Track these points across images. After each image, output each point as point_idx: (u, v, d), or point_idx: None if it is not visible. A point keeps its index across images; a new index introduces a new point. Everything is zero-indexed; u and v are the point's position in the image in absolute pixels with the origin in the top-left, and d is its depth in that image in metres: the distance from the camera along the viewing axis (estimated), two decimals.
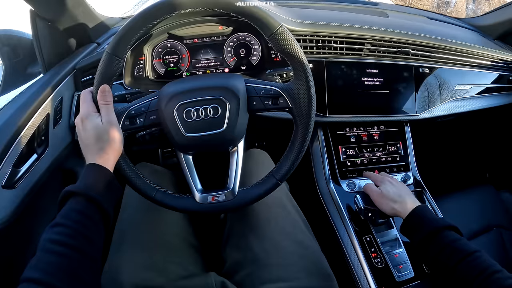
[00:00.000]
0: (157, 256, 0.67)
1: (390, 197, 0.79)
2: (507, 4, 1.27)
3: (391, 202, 0.78)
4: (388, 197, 0.79)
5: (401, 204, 0.76)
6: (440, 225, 0.67)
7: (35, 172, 0.77)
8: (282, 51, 0.63)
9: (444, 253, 0.63)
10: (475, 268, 0.58)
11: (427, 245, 0.67)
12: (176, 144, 0.67)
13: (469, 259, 0.60)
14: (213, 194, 0.69)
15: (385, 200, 0.80)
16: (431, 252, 0.66)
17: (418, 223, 0.71)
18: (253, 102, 0.67)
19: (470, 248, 0.62)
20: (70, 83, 0.89)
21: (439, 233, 0.66)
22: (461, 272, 0.59)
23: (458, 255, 0.61)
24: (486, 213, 1.12)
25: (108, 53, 0.60)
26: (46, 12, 0.83)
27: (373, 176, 0.90)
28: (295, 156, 0.68)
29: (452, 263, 0.61)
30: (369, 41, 0.97)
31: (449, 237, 0.65)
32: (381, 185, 0.84)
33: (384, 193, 0.81)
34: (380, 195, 0.81)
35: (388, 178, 0.86)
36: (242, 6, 0.61)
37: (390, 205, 0.78)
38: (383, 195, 0.81)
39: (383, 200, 0.80)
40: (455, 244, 0.63)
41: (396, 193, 0.79)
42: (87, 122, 0.60)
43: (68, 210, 0.52)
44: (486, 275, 0.56)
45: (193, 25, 0.86)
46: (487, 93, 1.18)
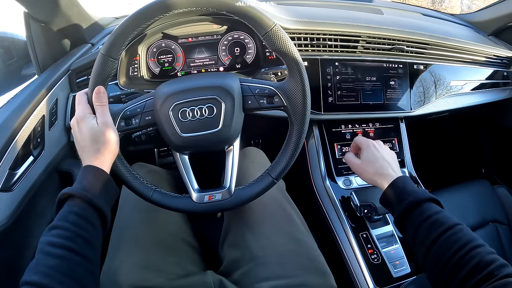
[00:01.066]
0: (154, 256, 0.68)
1: (371, 167, 0.75)
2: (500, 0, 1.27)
3: (372, 172, 0.74)
4: (368, 167, 0.76)
5: (380, 175, 0.72)
6: (420, 198, 0.63)
7: (31, 175, 0.78)
8: (277, 50, 0.64)
9: (424, 226, 0.60)
10: (456, 242, 0.55)
11: (407, 218, 0.63)
12: (172, 144, 0.68)
13: (450, 232, 0.56)
14: (209, 193, 0.70)
15: (364, 171, 0.76)
16: (411, 225, 0.62)
17: (398, 195, 0.67)
18: (248, 101, 0.68)
19: (451, 221, 0.58)
20: (65, 84, 0.89)
21: (419, 206, 0.62)
22: (441, 246, 0.56)
23: (439, 229, 0.57)
24: (481, 208, 1.13)
25: (103, 54, 0.60)
26: (39, 14, 0.83)
27: (356, 144, 0.84)
28: (291, 155, 0.68)
29: (432, 236, 0.58)
30: (363, 39, 0.98)
31: (430, 210, 0.61)
32: (363, 151, 0.79)
33: (363, 163, 0.77)
34: (360, 166, 0.78)
35: (371, 144, 0.79)
36: (236, 5, 0.60)
37: (369, 176, 0.75)
38: (363, 166, 0.77)
39: (363, 170, 0.77)
40: (435, 217, 0.59)
41: (377, 163, 0.74)
42: (82, 124, 0.60)
43: (66, 212, 0.52)
44: (467, 249, 0.53)
45: (187, 24, 0.86)
46: (481, 89, 1.18)
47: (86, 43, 0.98)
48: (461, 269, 0.51)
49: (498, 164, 1.49)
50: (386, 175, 0.71)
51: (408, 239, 0.64)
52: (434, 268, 0.56)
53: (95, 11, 1.03)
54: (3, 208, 0.70)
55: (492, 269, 0.49)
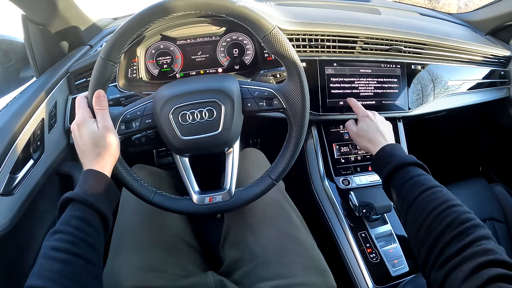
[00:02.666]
0: (155, 257, 0.68)
1: (365, 135, 0.82)
2: None
3: (365, 140, 0.81)
4: (363, 135, 0.82)
5: (373, 142, 0.78)
6: (406, 161, 0.66)
7: (32, 178, 0.78)
8: (276, 52, 0.64)
9: (406, 186, 0.62)
10: (433, 201, 0.56)
11: (392, 179, 0.66)
12: (173, 147, 0.68)
13: (429, 192, 0.58)
14: (210, 195, 0.70)
15: (359, 138, 0.83)
16: (395, 186, 0.65)
17: (386, 158, 0.71)
18: (248, 104, 0.68)
19: (432, 183, 0.60)
20: (63, 86, 0.89)
21: (404, 168, 0.65)
22: (420, 204, 0.57)
23: (419, 189, 0.59)
24: (479, 206, 1.13)
25: (102, 58, 0.60)
26: (37, 16, 0.83)
27: (354, 108, 0.92)
28: (290, 156, 0.69)
29: (412, 195, 0.59)
30: (361, 39, 0.98)
31: (413, 172, 0.64)
32: (359, 121, 0.86)
33: (359, 131, 0.84)
34: (356, 133, 0.85)
35: (367, 114, 0.86)
36: (235, 8, 0.61)
37: (363, 143, 0.82)
38: (358, 133, 0.84)
39: (358, 138, 0.84)
40: (417, 178, 0.62)
41: (370, 132, 0.81)
42: (83, 128, 0.60)
43: (68, 216, 0.52)
44: (443, 207, 0.54)
45: (186, 26, 0.86)
46: (479, 88, 1.19)
47: (84, 45, 0.98)
48: (437, 226, 0.52)
49: (495, 162, 1.49)
50: (378, 142, 0.77)
51: (393, 200, 0.67)
52: (412, 225, 0.57)
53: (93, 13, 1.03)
54: (4, 212, 0.70)
55: (466, 227, 0.49)
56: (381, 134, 0.80)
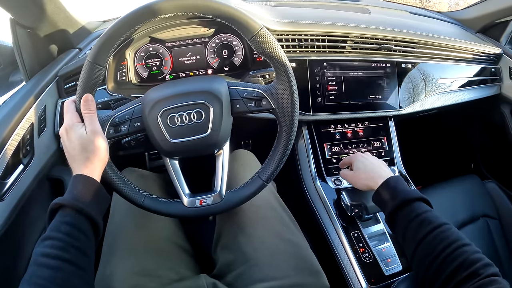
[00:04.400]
0: (148, 261, 0.68)
1: (362, 174, 0.80)
2: None
3: (363, 178, 0.79)
4: (360, 175, 0.80)
5: (372, 178, 0.76)
6: (411, 196, 0.65)
7: (22, 183, 0.77)
8: (264, 53, 0.64)
9: (413, 224, 0.61)
10: (443, 240, 0.56)
11: (398, 215, 0.65)
12: (162, 150, 0.68)
13: (438, 231, 0.58)
14: (200, 197, 0.70)
15: (358, 178, 0.81)
16: (401, 223, 0.64)
17: (390, 193, 0.69)
18: (236, 105, 0.68)
19: (440, 220, 0.60)
20: (53, 90, 0.88)
21: (410, 204, 0.64)
22: (429, 244, 0.57)
23: (427, 227, 0.59)
24: (472, 203, 1.14)
25: (89, 61, 0.60)
26: (25, 20, 0.82)
27: (345, 161, 0.90)
28: (280, 157, 0.69)
29: (420, 234, 0.59)
30: (351, 39, 0.98)
31: (419, 209, 0.63)
32: (354, 163, 0.84)
33: (356, 172, 0.82)
34: (353, 175, 0.83)
35: (358, 156, 0.85)
36: (221, 9, 0.60)
37: (362, 181, 0.79)
38: (355, 175, 0.82)
39: (356, 179, 0.82)
40: (425, 215, 0.61)
41: (367, 168, 0.80)
42: (71, 133, 0.60)
43: (58, 222, 0.52)
44: (453, 247, 0.54)
45: (174, 27, 0.86)
46: (470, 86, 1.19)
47: (73, 48, 0.98)
48: (447, 267, 0.53)
49: (487, 159, 1.50)
50: (378, 177, 0.74)
51: (399, 237, 0.66)
52: (421, 265, 0.57)
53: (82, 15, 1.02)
54: None
55: (477, 267, 0.50)
56: (379, 167, 0.79)
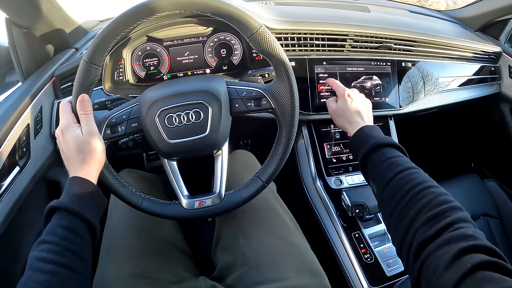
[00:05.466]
0: (146, 263, 0.67)
1: (343, 114, 0.80)
2: None
3: (343, 119, 0.79)
4: (340, 114, 0.80)
5: (350, 122, 0.77)
6: (383, 141, 0.65)
7: (18, 185, 0.76)
8: (263, 51, 0.63)
9: (381, 167, 0.61)
10: (409, 181, 0.54)
11: (369, 159, 0.65)
12: (160, 150, 0.67)
13: (406, 173, 0.57)
14: (199, 199, 0.69)
15: (337, 116, 0.82)
16: (371, 167, 0.64)
17: (364, 139, 0.69)
18: (236, 105, 0.67)
19: (409, 164, 0.59)
20: (49, 91, 0.87)
21: (381, 148, 0.64)
22: (396, 184, 0.56)
23: (395, 169, 0.58)
24: (472, 202, 1.14)
25: (85, 61, 0.59)
26: (21, 19, 0.82)
27: (334, 87, 0.88)
28: (280, 157, 0.68)
29: (388, 176, 0.58)
30: (351, 37, 0.97)
31: (389, 153, 0.62)
32: (339, 99, 0.83)
33: (338, 109, 0.81)
34: (334, 111, 0.83)
35: (346, 92, 0.82)
36: (220, 7, 0.60)
37: (340, 122, 0.81)
38: (337, 112, 0.82)
39: (336, 116, 0.82)
40: (394, 160, 0.60)
41: (348, 111, 0.79)
42: (67, 134, 0.59)
43: (54, 226, 0.51)
44: (420, 188, 0.52)
45: (172, 26, 0.85)
46: (469, 84, 1.19)
47: (70, 48, 0.97)
48: (413, 206, 0.51)
49: (487, 158, 1.50)
50: (355, 123, 0.76)
51: (369, 182, 0.65)
52: (388, 205, 0.56)
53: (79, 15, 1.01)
54: None
55: (443, 209, 0.48)
56: (359, 114, 0.78)
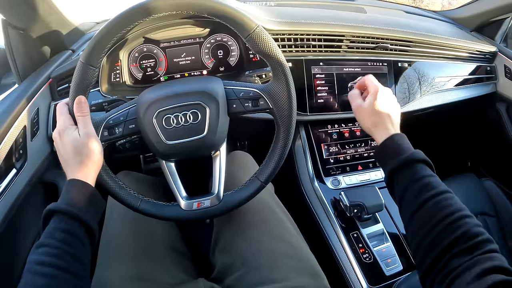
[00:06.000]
0: (144, 266, 0.67)
1: (370, 116, 0.70)
2: None
3: (371, 121, 0.69)
4: (369, 113, 0.70)
5: (379, 127, 0.68)
6: (416, 157, 0.60)
7: (15, 188, 0.76)
8: (260, 51, 0.63)
9: (414, 186, 0.57)
10: (444, 208, 0.52)
11: (399, 175, 0.61)
12: (157, 152, 0.66)
13: (441, 197, 0.54)
14: (198, 200, 0.69)
15: (365, 116, 0.71)
16: (401, 183, 0.59)
17: (394, 150, 0.63)
18: (233, 105, 0.67)
19: (443, 187, 0.56)
20: (46, 92, 0.87)
21: (413, 165, 0.59)
22: (429, 210, 0.54)
23: (430, 191, 0.55)
24: (469, 201, 1.14)
25: (82, 62, 0.59)
26: (18, 21, 0.81)
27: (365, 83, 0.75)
28: (279, 157, 0.68)
29: (421, 198, 0.55)
30: (347, 38, 0.98)
31: (423, 171, 0.58)
32: (369, 97, 0.71)
33: (367, 106, 0.70)
34: (361, 108, 0.72)
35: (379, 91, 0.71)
36: (217, 7, 0.60)
37: (367, 124, 0.71)
38: (364, 109, 0.71)
39: (362, 115, 0.71)
40: (427, 180, 0.57)
41: (378, 114, 0.69)
42: (64, 136, 0.58)
43: (52, 229, 0.51)
44: (455, 217, 0.50)
45: (169, 28, 0.85)
46: (465, 84, 1.19)
47: (66, 49, 0.97)
48: (446, 237, 0.49)
49: (484, 157, 1.51)
50: (384, 129, 0.67)
51: (396, 198, 0.62)
52: (418, 231, 0.54)
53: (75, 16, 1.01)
54: None
55: (478, 241, 0.47)
56: (389, 119, 0.68)
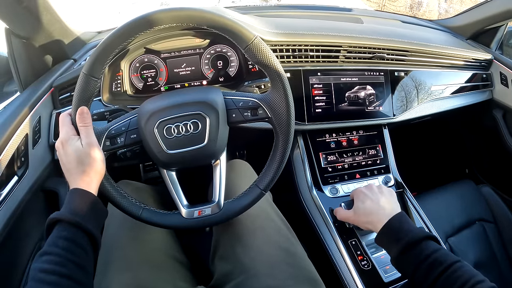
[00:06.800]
0: (144, 274, 0.67)
1: (362, 216, 0.79)
2: (477, 5, 1.31)
3: (364, 221, 0.78)
4: (360, 217, 0.79)
5: (372, 222, 0.75)
6: (418, 236, 0.63)
7: (16, 195, 0.76)
8: (258, 62, 0.64)
9: (423, 266, 0.60)
10: (457, 279, 0.55)
11: (405, 257, 0.64)
12: (159, 161, 0.67)
13: (451, 271, 0.57)
14: (199, 208, 0.69)
15: (359, 220, 0.80)
16: (410, 265, 0.62)
17: (395, 234, 0.67)
18: (232, 115, 0.68)
19: (450, 259, 0.59)
20: (47, 101, 0.88)
21: (418, 245, 0.63)
22: (443, 285, 0.57)
23: (438, 267, 0.58)
24: (467, 207, 1.15)
25: (85, 74, 0.60)
26: (21, 30, 0.82)
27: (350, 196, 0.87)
28: (278, 165, 0.69)
29: (432, 276, 0.58)
30: (344, 48, 0.99)
31: (428, 249, 0.61)
32: (355, 202, 0.82)
33: (356, 213, 0.81)
34: (353, 216, 0.81)
35: (359, 193, 0.83)
36: (216, 19, 0.61)
37: (363, 224, 0.79)
38: (355, 216, 0.81)
39: (357, 220, 0.81)
40: (434, 256, 0.60)
41: (367, 210, 0.78)
42: (67, 146, 0.59)
43: (55, 237, 0.52)
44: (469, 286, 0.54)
45: (169, 38, 0.86)
46: (462, 92, 1.21)
47: (68, 58, 0.97)
48: None
49: (482, 164, 1.52)
50: (379, 218, 0.73)
51: (408, 278, 0.64)
52: None
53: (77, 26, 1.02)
54: None
55: None
56: (380, 206, 0.76)
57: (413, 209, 0.96)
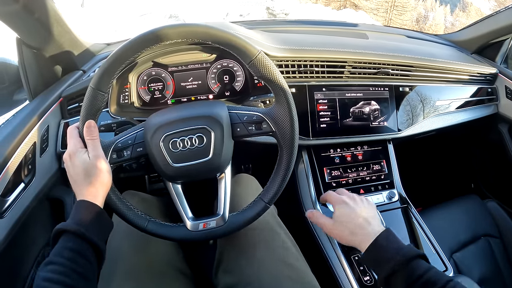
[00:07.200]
0: (147, 285, 0.67)
1: (345, 226, 0.71)
2: (482, 19, 1.32)
3: (346, 232, 0.70)
4: (341, 227, 0.71)
5: (357, 234, 0.68)
6: (408, 256, 0.60)
7: (22, 202, 0.77)
8: (262, 77, 0.65)
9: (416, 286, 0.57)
10: None
11: (396, 278, 0.60)
12: (164, 174, 0.68)
13: None
14: (204, 221, 0.70)
15: (339, 233, 0.71)
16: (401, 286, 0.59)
17: (383, 254, 0.63)
18: (237, 129, 0.69)
19: (444, 278, 0.56)
20: (56, 111, 0.89)
21: (408, 264, 0.59)
22: None
23: None
24: (473, 223, 1.14)
25: (92, 88, 0.61)
26: (32, 40, 0.84)
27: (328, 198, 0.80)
28: (282, 179, 0.69)
29: None
30: (349, 64, 0.99)
31: (419, 269, 0.58)
32: (335, 210, 0.74)
33: (336, 224, 0.72)
34: (333, 226, 0.73)
35: (343, 199, 0.75)
36: (220, 35, 0.62)
37: (345, 238, 0.71)
38: (335, 227, 0.72)
39: (337, 232, 0.72)
40: (427, 276, 0.57)
41: (353, 220, 0.70)
42: (75, 158, 0.61)
43: (60, 248, 0.53)
44: None
45: (177, 53, 0.88)
46: (467, 106, 1.21)
47: (77, 69, 0.99)
48: None
49: (487, 178, 1.50)
50: (364, 234, 0.67)
51: None
52: None
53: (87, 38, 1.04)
54: None
55: None
56: (365, 221, 0.69)
57: (417, 225, 0.96)
